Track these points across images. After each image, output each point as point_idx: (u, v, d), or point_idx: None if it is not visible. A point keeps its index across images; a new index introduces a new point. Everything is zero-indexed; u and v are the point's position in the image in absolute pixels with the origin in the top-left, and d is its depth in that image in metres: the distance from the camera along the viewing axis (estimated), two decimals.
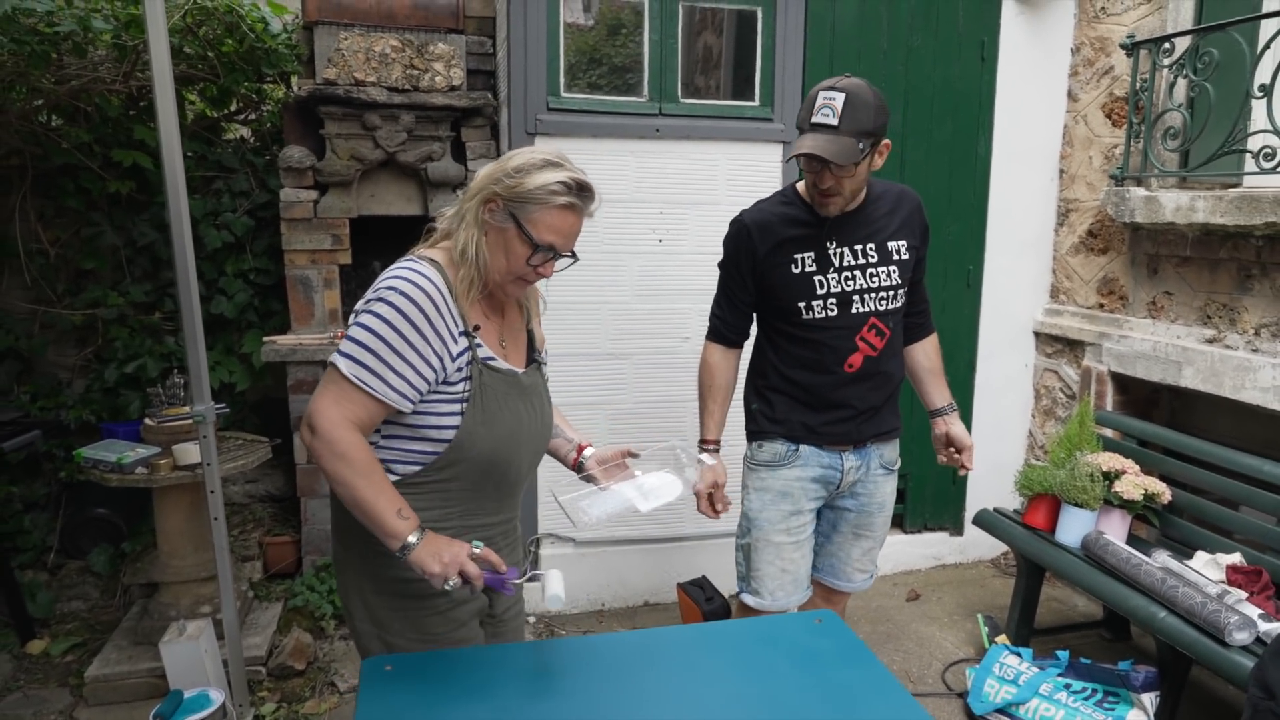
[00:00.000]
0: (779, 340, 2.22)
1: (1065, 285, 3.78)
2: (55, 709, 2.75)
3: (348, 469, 1.48)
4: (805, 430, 2.21)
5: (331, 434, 1.47)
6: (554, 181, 1.54)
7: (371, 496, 1.49)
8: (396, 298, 1.49)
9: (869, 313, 2.14)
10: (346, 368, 1.49)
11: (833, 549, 2.38)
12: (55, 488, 3.64)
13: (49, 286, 3.64)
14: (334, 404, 1.49)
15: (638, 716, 1.42)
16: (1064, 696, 2.60)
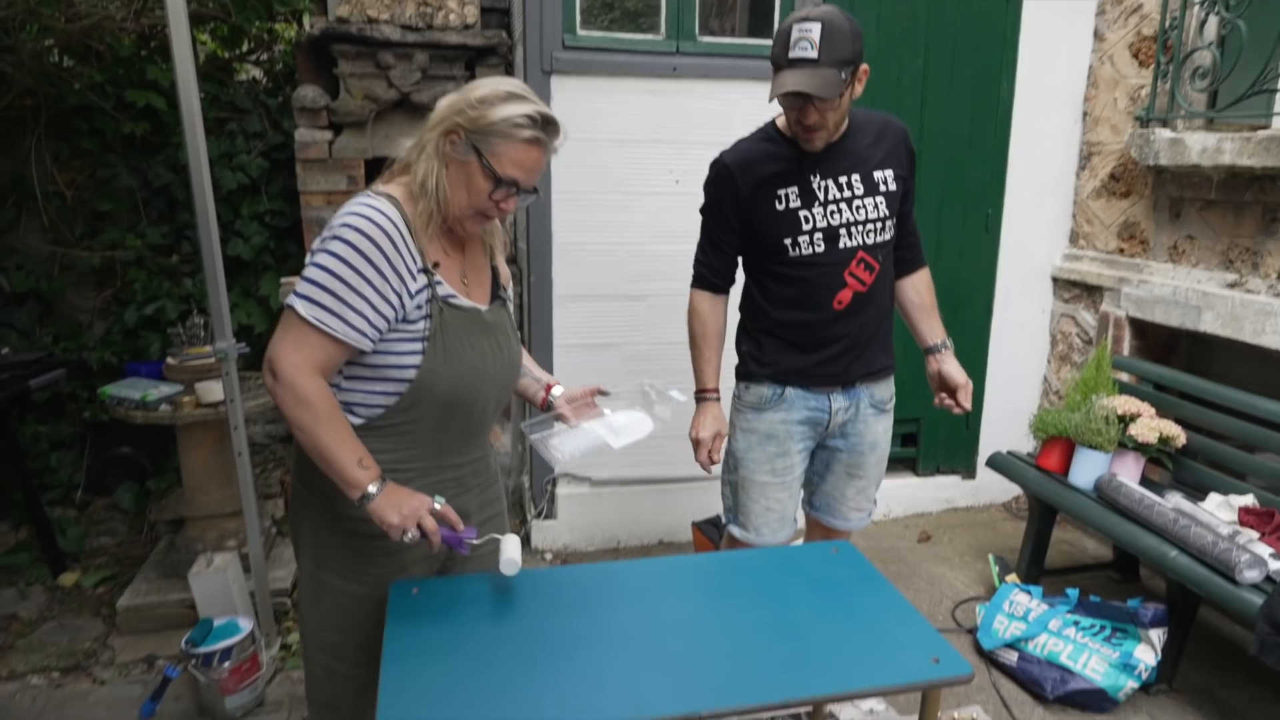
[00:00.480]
0: (766, 281, 2.17)
1: (1085, 230, 3.75)
2: (89, 636, 2.83)
3: (309, 415, 1.46)
4: (793, 373, 2.19)
5: (293, 379, 1.45)
6: (519, 114, 1.48)
7: (333, 444, 1.47)
8: (353, 235, 1.45)
9: (857, 247, 2.10)
10: (305, 309, 1.45)
11: (827, 488, 2.37)
12: (80, 428, 3.70)
13: (67, 229, 3.66)
14: (294, 348, 1.46)
15: (658, 637, 1.46)
16: (1072, 632, 2.64)
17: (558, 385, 1.89)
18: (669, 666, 1.38)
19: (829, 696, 1.38)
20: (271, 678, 2.61)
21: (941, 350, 2.30)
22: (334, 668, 1.70)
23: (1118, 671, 2.51)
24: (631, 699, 1.29)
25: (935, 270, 3.62)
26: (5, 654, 2.75)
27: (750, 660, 1.39)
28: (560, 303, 3.33)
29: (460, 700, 1.28)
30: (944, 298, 3.69)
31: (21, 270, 3.56)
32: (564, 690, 1.31)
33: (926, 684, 1.38)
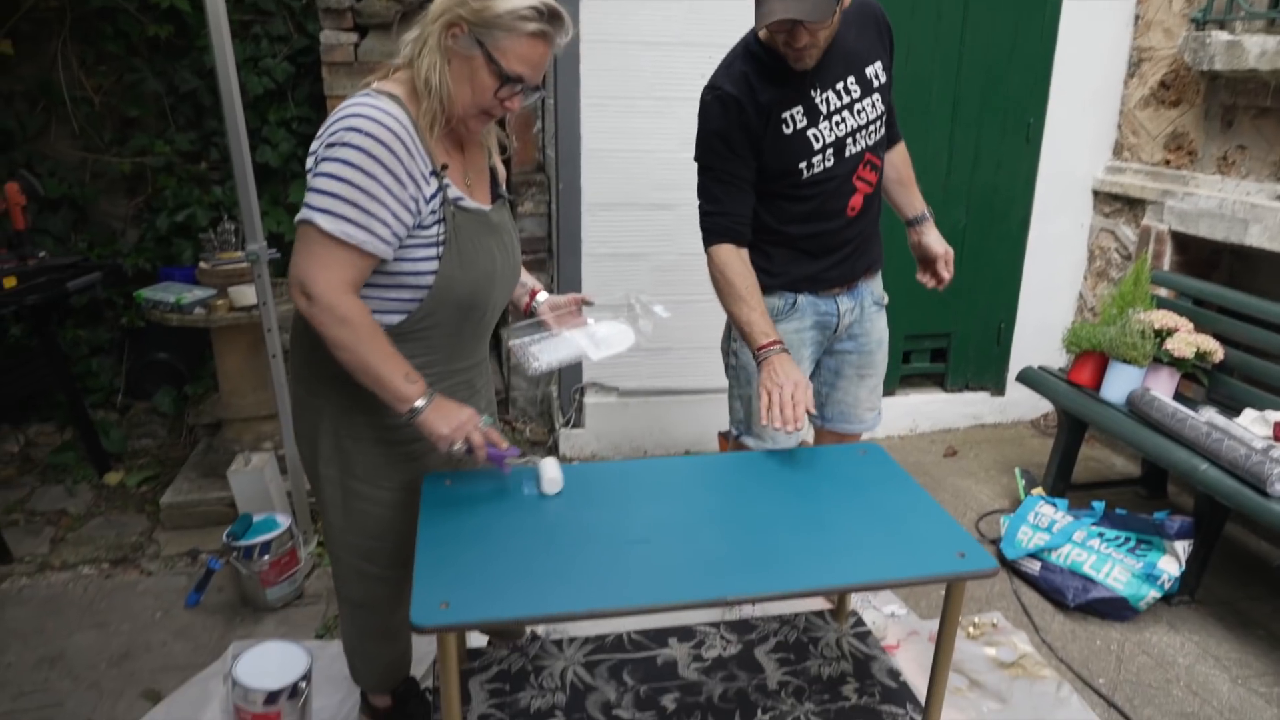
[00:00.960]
0: (776, 201, 2.08)
1: (1130, 141, 3.62)
2: (135, 531, 2.94)
3: (351, 334, 1.43)
4: (804, 281, 2.14)
5: (330, 299, 1.41)
6: (524, 6, 1.42)
7: (379, 360, 1.45)
8: (364, 140, 1.38)
9: (862, 151, 2.05)
10: (328, 224, 1.39)
11: (839, 395, 2.35)
12: (118, 334, 3.77)
13: (96, 135, 3.66)
14: (323, 266, 1.41)
15: (686, 528, 1.49)
16: (1096, 543, 2.65)
17: (542, 291, 1.89)
18: (696, 555, 1.40)
19: (854, 586, 1.40)
20: (310, 572, 2.70)
21: (922, 222, 2.30)
22: (367, 570, 1.74)
23: (1140, 581, 2.53)
24: (659, 584, 1.33)
25: (972, 182, 3.60)
26: (57, 546, 2.86)
27: (777, 551, 1.42)
28: (589, 211, 3.30)
29: (492, 582, 1.31)
30: (980, 209, 3.66)
31: (54, 177, 3.58)
32: (593, 574, 1.34)
33: (951, 576, 1.40)
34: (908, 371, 3.88)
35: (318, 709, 2.09)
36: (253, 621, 2.48)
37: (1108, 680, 2.33)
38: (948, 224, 3.62)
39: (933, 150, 3.52)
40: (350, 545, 1.72)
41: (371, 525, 1.69)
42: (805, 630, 1.91)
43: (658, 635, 1.89)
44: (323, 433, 1.63)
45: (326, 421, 1.62)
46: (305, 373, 1.64)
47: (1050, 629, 2.54)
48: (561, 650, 1.84)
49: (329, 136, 1.42)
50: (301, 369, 1.65)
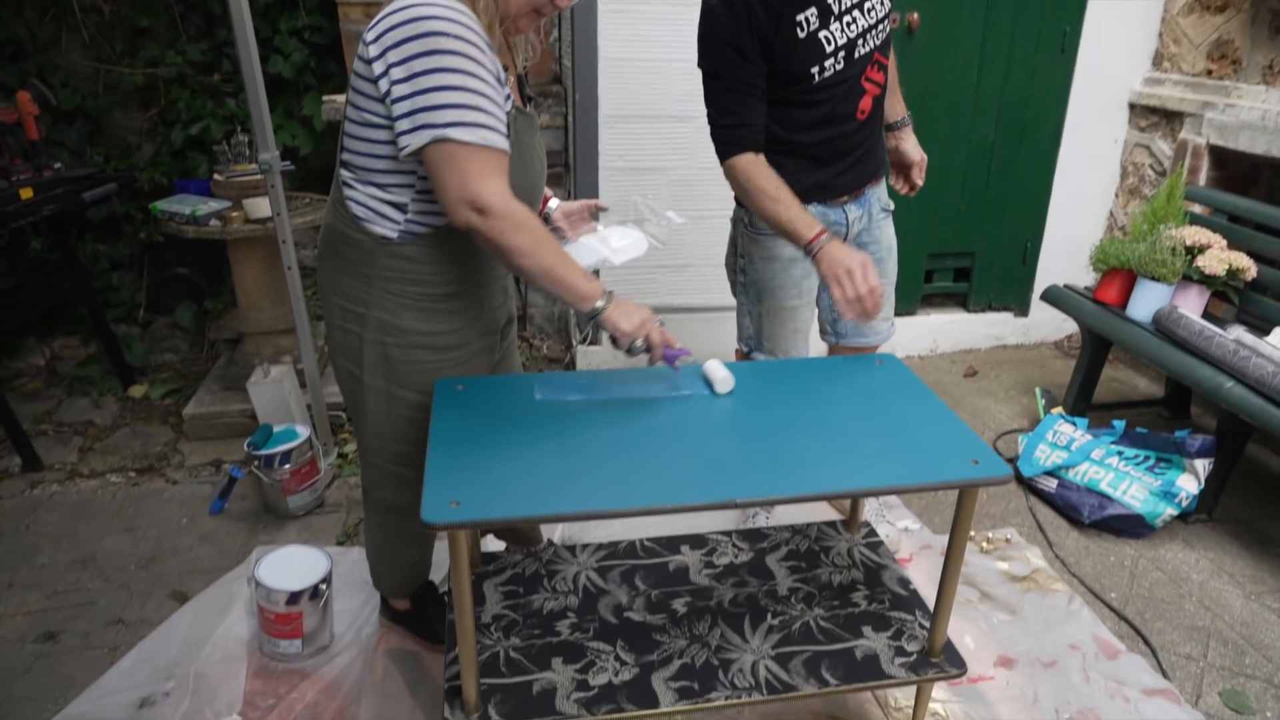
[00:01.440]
0: (785, 108, 2.00)
1: (1171, 51, 3.47)
2: (160, 442, 2.99)
3: (531, 238, 1.41)
4: (815, 189, 2.08)
5: (506, 208, 1.38)
6: None
7: (560, 261, 1.45)
8: (455, 43, 1.34)
9: (871, 51, 1.99)
10: (469, 135, 1.35)
11: None
12: (137, 249, 3.78)
13: (108, 45, 3.61)
14: (485, 177, 1.37)
15: (699, 432, 1.48)
16: (1115, 461, 2.64)
17: (554, 198, 1.86)
18: (707, 459, 1.40)
19: (864, 490, 1.40)
20: (330, 482, 2.74)
21: (902, 127, 2.28)
22: (406, 476, 1.75)
23: (1157, 499, 2.52)
24: (668, 486, 1.32)
25: (1003, 94, 3.48)
26: (86, 455, 2.92)
27: (788, 456, 1.41)
28: (606, 123, 3.22)
29: (503, 482, 1.32)
30: (1010, 123, 3.54)
31: (67, 88, 3.55)
32: (603, 477, 1.35)
33: (964, 483, 1.39)
34: (929, 291, 3.82)
35: (339, 611, 2.14)
36: (275, 528, 2.53)
37: (1119, 594, 2.34)
38: (976, 138, 3.53)
39: (962, 60, 3.39)
40: (391, 452, 1.73)
41: (415, 431, 1.69)
42: (817, 540, 1.92)
43: (670, 543, 1.91)
44: (367, 343, 1.62)
45: (370, 331, 1.61)
46: (343, 284, 1.61)
47: (1064, 545, 2.55)
48: (575, 555, 1.86)
49: (412, 45, 1.35)
50: (339, 280, 1.62)
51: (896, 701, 1.93)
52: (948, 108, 3.43)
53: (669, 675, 1.54)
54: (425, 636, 2.04)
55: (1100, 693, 1.98)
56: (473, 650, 1.41)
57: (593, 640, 1.62)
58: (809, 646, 1.62)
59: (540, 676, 1.54)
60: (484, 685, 1.51)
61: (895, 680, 1.57)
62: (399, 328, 1.59)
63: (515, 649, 1.60)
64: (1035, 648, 2.11)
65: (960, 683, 1.94)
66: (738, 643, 1.62)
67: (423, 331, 1.60)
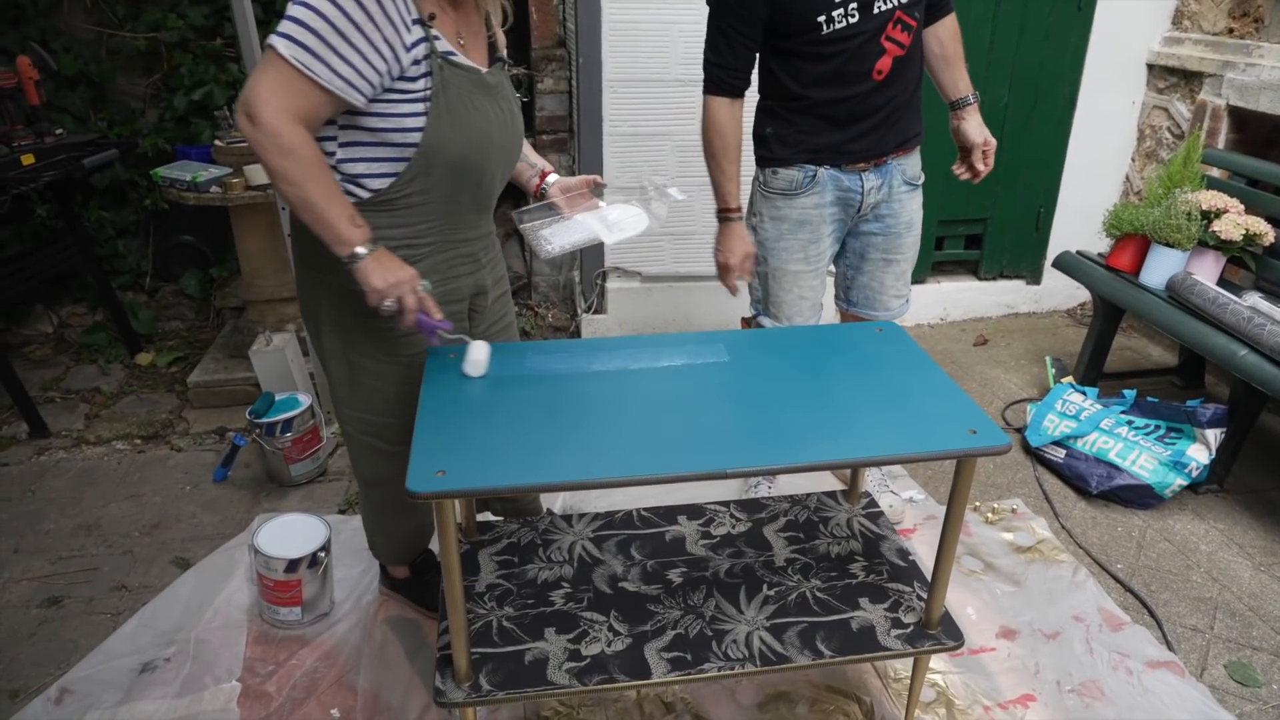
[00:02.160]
0: (795, 60, 1.96)
1: (1192, 9, 3.37)
2: (165, 409, 3.01)
3: (295, 166, 1.35)
4: (826, 151, 2.04)
5: (275, 124, 1.32)
6: None
7: (323, 198, 1.38)
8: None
9: (894, 8, 1.90)
10: (286, 49, 1.32)
11: (864, 280, 2.27)
12: (143, 216, 3.77)
13: (109, 9, 3.57)
14: (274, 90, 1.33)
15: (694, 402, 1.46)
16: (1125, 431, 2.60)
17: (553, 173, 1.82)
18: (701, 429, 1.38)
19: (859, 461, 1.37)
20: (333, 450, 2.75)
21: (964, 106, 2.14)
22: (378, 446, 1.74)
23: (1167, 469, 2.48)
24: (661, 456, 1.31)
25: (1017, 55, 3.39)
26: (92, 422, 2.94)
27: (784, 426, 1.38)
28: (610, 87, 3.17)
29: (491, 451, 1.30)
30: (1024, 86, 3.46)
31: (70, 53, 3.52)
32: (595, 446, 1.33)
33: (960, 453, 1.36)
34: (940, 258, 3.77)
35: (339, 579, 2.15)
36: (278, 496, 2.54)
37: (1126, 566, 2.32)
38: (989, 101, 3.45)
39: (975, 19, 3.31)
40: (359, 421, 1.72)
41: (379, 402, 1.68)
42: (816, 510, 1.91)
43: (667, 513, 1.90)
44: (324, 305, 1.61)
45: (327, 293, 1.59)
46: (305, 244, 1.59)
47: (1071, 515, 2.52)
48: (571, 525, 1.85)
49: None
50: (301, 241, 1.61)
51: (896, 672, 1.92)
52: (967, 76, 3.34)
53: (662, 646, 1.54)
54: (424, 604, 2.05)
55: (1103, 664, 1.96)
56: (463, 620, 1.40)
57: (586, 610, 1.62)
58: (804, 618, 1.60)
59: (533, 646, 1.54)
60: (476, 655, 1.51)
61: (891, 652, 1.55)
62: (349, 291, 1.53)
63: (508, 618, 1.60)
64: (1038, 619, 2.10)
65: (961, 653, 1.93)
66: (732, 614, 1.61)
67: None
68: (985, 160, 2.16)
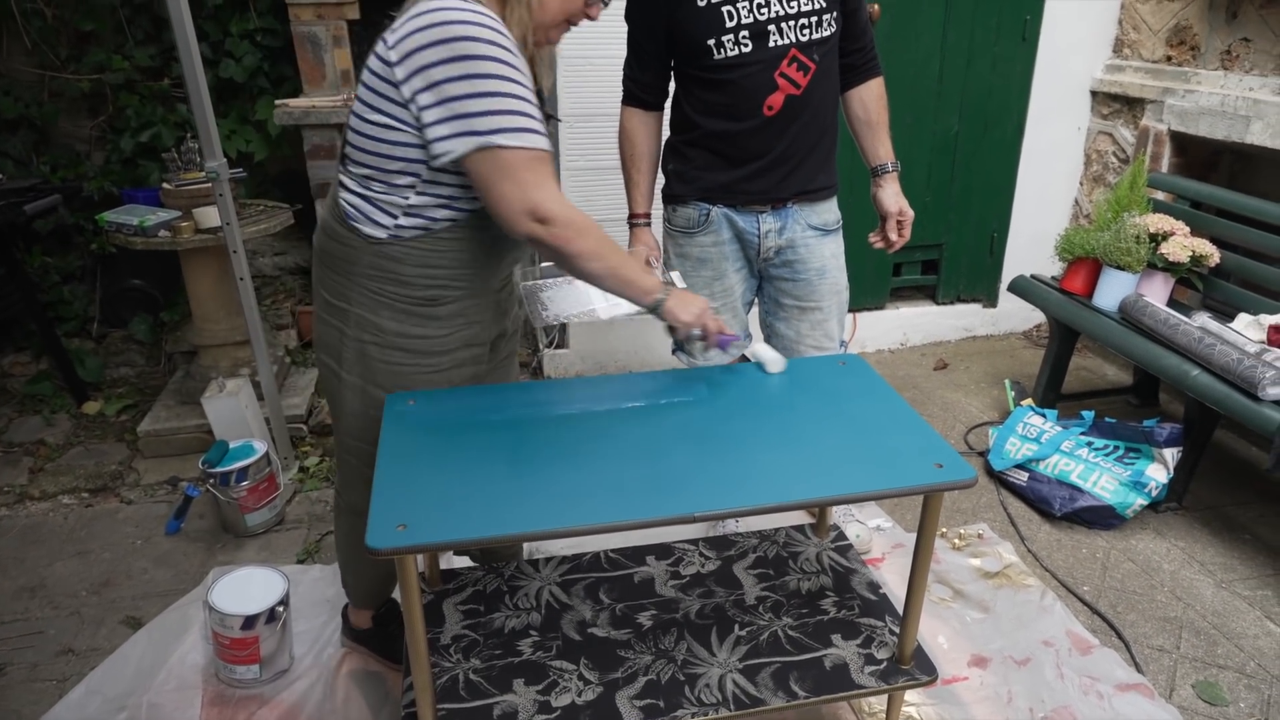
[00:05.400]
0: (693, 87, 2.00)
1: (1131, 37, 3.47)
2: (114, 460, 2.91)
3: (594, 241, 1.43)
4: (719, 190, 2.04)
5: (567, 215, 1.40)
6: None
7: (624, 261, 1.48)
8: (492, 49, 1.34)
9: (789, 45, 1.90)
10: (516, 141, 1.35)
11: (781, 328, 2.20)
12: (89, 260, 3.68)
13: (51, 51, 3.50)
14: (540, 185, 1.38)
15: (656, 444, 1.44)
16: (1085, 452, 2.63)
17: None
18: (666, 471, 1.36)
19: (824, 500, 1.36)
20: (291, 498, 2.68)
21: (882, 174, 2.12)
22: None
23: (1127, 489, 2.51)
24: (626, 502, 1.28)
25: (965, 85, 3.46)
26: (37, 476, 2.83)
27: (748, 465, 1.37)
28: (566, 122, 3.17)
29: (453, 502, 1.27)
30: (973, 115, 3.53)
31: (10, 95, 3.44)
32: (559, 493, 1.30)
33: (928, 488, 1.35)
34: (898, 284, 3.81)
35: (299, 632, 2.08)
36: (234, 548, 2.46)
37: (1092, 587, 2.33)
38: (940, 129, 3.52)
39: (925, 52, 3.37)
40: (364, 452, 1.68)
41: None
42: (785, 545, 1.89)
43: (635, 553, 1.87)
44: (347, 339, 1.59)
45: (351, 328, 1.58)
46: (329, 280, 1.60)
47: (1036, 539, 2.54)
48: (538, 570, 1.82)
49: (444, 50, 1.33)
50: (325, 275, 1.61)
51: (871, 706, 1.90)
52: (911, 100, 3.40)
53: (633, 694, 1.50)
54: (388, 656, 1.99)
55: (1074, 689, 1.96)
56: (427, 676, 1.36)
57: (555, 659, 1.58)
58: (777, 658, 1.58)
59: (501, 700, 1.49)
60: (442, 711, 1.46)
61: (865, 690, 1.53)
62: (378, 326, 1.56)
63: (475, 671, 1.55)
64: (1009, 645, 2.10)
65: (934, 685, 1.91)
66: (705, 656, 1.58)
67: (401, 333, 1.57)
68: (900, 230, 2.13)
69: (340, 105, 3.20)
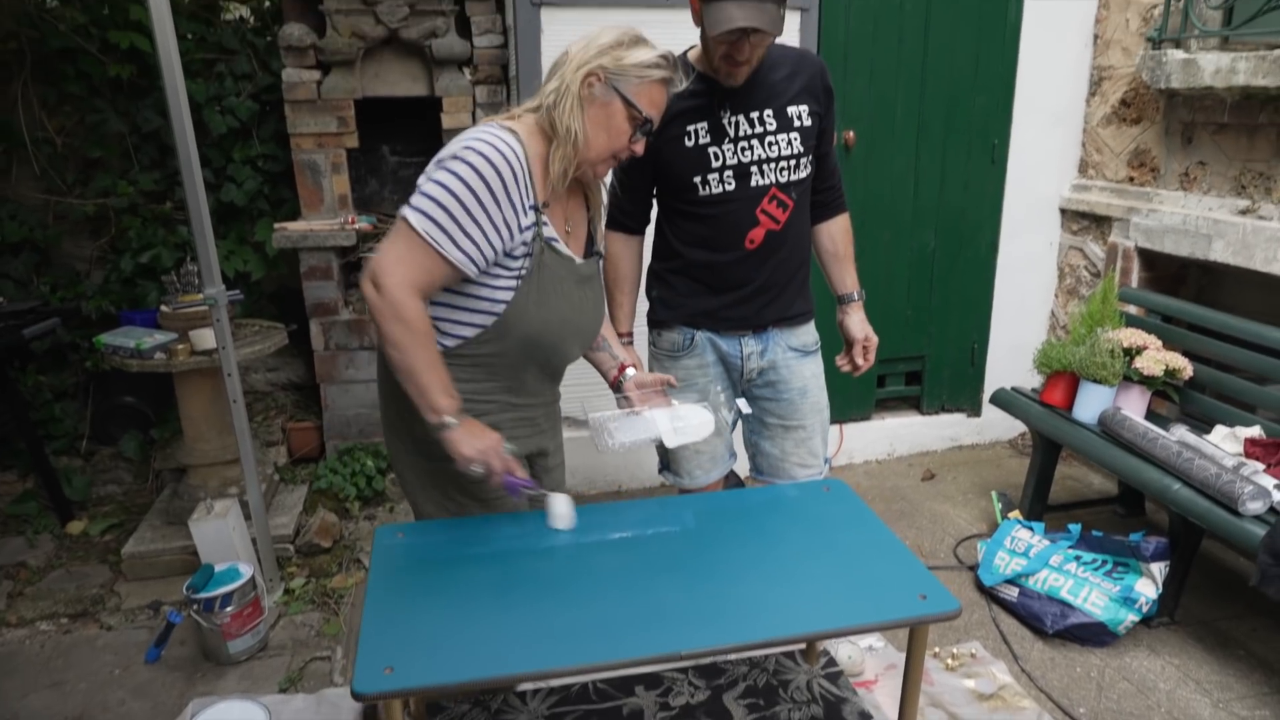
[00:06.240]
0: (676, 219, 2.11)
1: (1095, 159, 3.64)
2: (96, 583, 2.87)
3: (407, 335, 1.47)
4: (703, 316, 2.14)
5: (397, 295, 1.46)
6: (653, 56, 1.57)
7: (425, 368, 1.50)
8: (476, 159, 1.47)
9: (769, 184, 2.02)
10: (417, 221, 1.46)
11: (766, 446, 2.27)
12: (83, 377, 3.71)
13: (58, 176, 3.61)
14: (399, 262, 1.47)
15: (643, 577, 1.45)
16: (1073, 567, 2.63)
17: (631, 367, 1.92)
18: (653, 606, 1.37)
19: (811, 635, 1.37)
20: (275, 622, 2.64)
21: (848, 302, 2.25)
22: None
23: (1118, 605, 2.50)
24: (611, 641, 1.28)
25: (940, 203, 3.60)
26: (14, 601, 2.78)
27: (735, 599, 1.38)
28: None
29: (440, 643, 1.27)
30: (949, 231, 3.65)
31: (15, 219, 3.53)
32: (546, 632, 1.30)
33: (912, 620, 1.36)
34: (883, 395, 3.86)
35: None
36: (214, 677, 2.41)
37: (1088, 710, 2.30)
38: (917, 245, 3.64)
39: (899, 173, 3.53)
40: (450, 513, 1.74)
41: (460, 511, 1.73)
42: (775, 673, 1.87)
43: (624, 683, 1.85)
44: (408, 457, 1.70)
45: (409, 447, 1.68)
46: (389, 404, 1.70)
47: (1030, 657, 2.51)
48: (525, 703, 1.79)
49: (446, 153, 1.51)
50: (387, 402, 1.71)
51: None
52: (888, 218, 3.54)
53: None
54: None
55: None
56: None
57: None
58: None
59: None
60: None
61: None
62: (420, 439, 1.64)
63: None
64: None
65: None
66: None
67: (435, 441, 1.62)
68: (865, 356, 2.24)
69: (337, 229, 3.31)
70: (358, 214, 3.50)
